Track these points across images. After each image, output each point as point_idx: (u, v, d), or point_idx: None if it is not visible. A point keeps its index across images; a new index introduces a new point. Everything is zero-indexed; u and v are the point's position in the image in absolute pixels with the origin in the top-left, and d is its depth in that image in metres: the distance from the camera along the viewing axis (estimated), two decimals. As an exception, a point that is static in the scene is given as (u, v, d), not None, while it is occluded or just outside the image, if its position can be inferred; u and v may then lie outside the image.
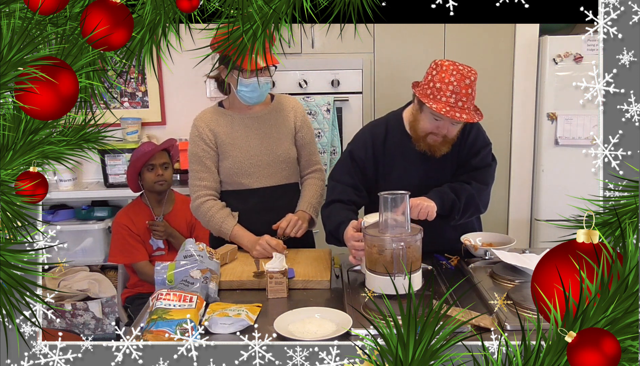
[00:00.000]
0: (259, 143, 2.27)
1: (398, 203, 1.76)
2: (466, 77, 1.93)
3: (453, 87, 1.92)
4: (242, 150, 2.25)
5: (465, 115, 1.94)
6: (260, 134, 2.27)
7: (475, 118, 1.98)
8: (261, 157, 2.27)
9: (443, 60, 1.99)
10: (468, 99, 1.94)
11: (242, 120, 2.27)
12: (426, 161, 2.14)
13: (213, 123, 2.27)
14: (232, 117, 2.28)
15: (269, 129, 2.29)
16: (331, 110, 3.42)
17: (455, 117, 1.93)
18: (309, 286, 1.91)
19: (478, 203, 2.13)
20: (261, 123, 2.28)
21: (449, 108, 1.93)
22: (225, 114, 2.29)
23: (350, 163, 2.20)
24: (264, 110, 2.30)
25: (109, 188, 3.49)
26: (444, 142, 2.07)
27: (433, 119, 2.02)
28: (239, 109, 2.29)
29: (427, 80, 1.99)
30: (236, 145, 2.25)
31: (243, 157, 2.25)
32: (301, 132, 2.35)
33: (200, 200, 2.26)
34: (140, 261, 2.73)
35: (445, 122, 2.00)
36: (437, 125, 2.02)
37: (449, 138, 2.07)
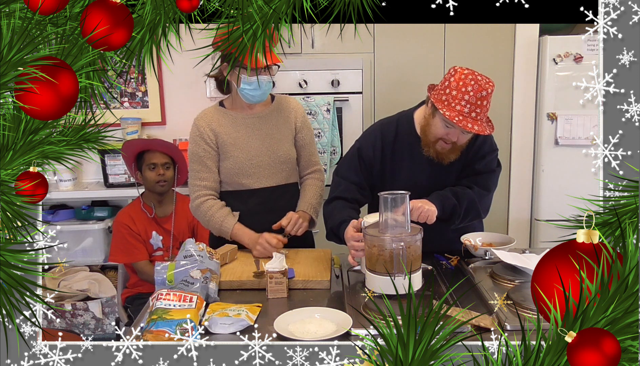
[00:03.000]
0: (260, 144, 2.26)
1: (398, 203, 1.76)
2: (484, 88, 1.90)
3: (469, 97, 1.90)
4: (243, 150, 2.25)
5: (477, 126, 1.91)
6: (262, 134, 2.27)
7: (487, 130, 1.95)
8: (262, 157, 2.26)
9: (462, 67, 1.95)
10: (482, 111, 1.92)
11: (244, 120, 2.27)
12: (434, 164, 2.12)
13: (214, 122, 2.26)
14: (234, 116, 2.27)
15: (270, 129, 2.28)
16: (331, 110, 3.42)
17: (467, 128, 1.90)
18: (309, 286, 1.91)
19: (479, 209, 2.13)
20: (263, 124, 2.28)
21: (462, 117, 1.91)
22: (226, 114, 2.28)
23: (358, 160, 2.19)
24: (265, 111, 2.30)
25: (109, 188, 3.49)
26: (452, 149, 2.05)
27: (444, 126, 1.99)
28: (240, 109, 2.28)
29: (443, 85, 1.97)
30: (237, 146, 2.25)
31: (244, 157, 2.25)
32: (301, 133, 2.34)
33: (200, 200, 2.26)
34: (140, 260, 2.73)
35: (455, 130, 1.98)
36: (447, 132, 2.00)
37: (457, 146, 2.05)
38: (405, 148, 2.16)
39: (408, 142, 2.15)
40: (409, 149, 2.15)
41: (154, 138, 3.20)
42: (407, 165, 2.16)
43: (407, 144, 2.16)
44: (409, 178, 2.15)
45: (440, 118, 1.99)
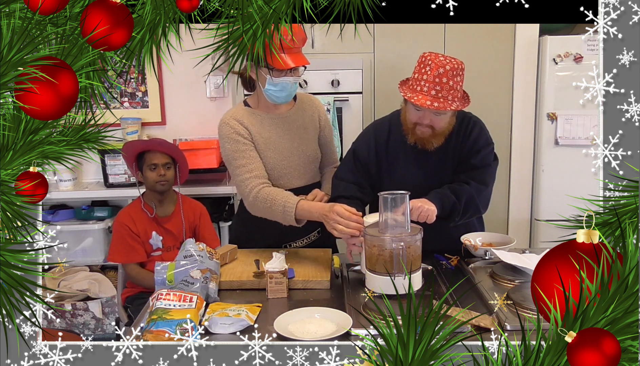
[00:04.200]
0: (290, 144, 2.22)
1: (398, 203, 1.76)
2: (441, 66, 1.95)
3: (427, 76, 1.96)
4: (275, 151, 2.19)
5: (437, 103, 1.96)
6: (291, 135, 2.23)
7: (451, 106, 1.98)
8: (292, 158, 2.23)
9: (427, 52, 2.02)
10: (443, 88, 1.96)
11: (272, 120, 2.22)
12: (427, 160, 2.15)
13: (245, 121, 2.18)
14: (262, 117, 2.21)
15: (297, 129, 2.25)
16: (331, 110, 3.42)
17: (425, 105, 1.96)
18: (309, 287, 1.91)
19: (478, 204, 2.13)
20: (290, 124, 2.24)
21: (422, 96, 1.97)
22: (254, 114, 2.21)
23: (354, 162, 2.22)
24: (290, 110, 2.26)
25: (109, 188, 3.48)
26: (433, 134, 2.09)
27: (415, 110, 2.06)
28: (266, 109, 2.22)
29: (412, 73, 2.05)
30: (270, 146, 2.19)
31: (277, 157, 2.20)
32: (324, 131, 2.34)
33: (256, 190, 2.11)
34: (135, 261, 2.73)
35: (426, 112, 2.03)
36: (419, 115, 2.06)
37: (437, 131, 2.08)
38: (398, 146, 2.19)
39: (401, 140, 2.18)
40: (402, 146, 2.18)
41: (154, 138, 3.20)
42: (402, 163, 2.18)
43: (400, 142, 2.19)
44: (404, 175, 2.17)
45: (410, 103, 2.06)
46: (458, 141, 2.15)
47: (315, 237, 2.34)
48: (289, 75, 2.08)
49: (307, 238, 2.32)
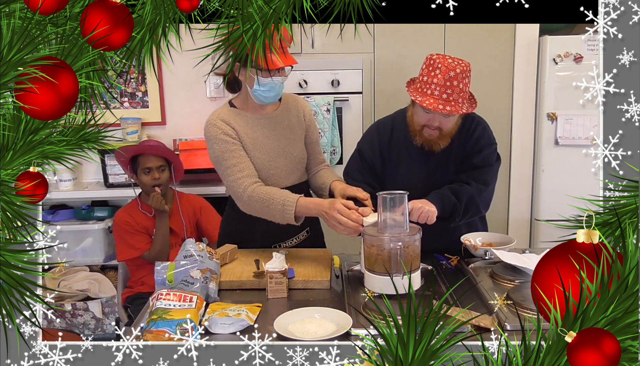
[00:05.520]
0: (277, 145, 2.20)
1: (397, 203, 1.76)
2: (452, 69, 1.95)
3: (438, 80, 1.96)
4: (262, 151, 2.17)
5: (449, 107, 1.96)
6: (277, 135, 2.22)
7: (462, 109, 1.98)
8: (279, 158, 2.21)
9: (434, 54, 2.01)
10: (454, 91, 1.96)
11: (259, 121, 2.20)
12: (430, 159, 2.16)
13: (232, 121, 2.16)
14: (248, 117, 2.19)
15: (283, 130, 2.24)
16: (331, 110, 3.42)
17: (437, 110, 1.96)
18: (309, 287, 1.91)
19: (478, 205, 2.14)
20: (277, 124, 2.23)
21: (433, 100, 1.97)
22: (240, 114, 2.19)
23: (360, 161, 2.26)
24: (276, 111, 2.25)
25: (109, 188, 3.49)
26: (440, 136, 2.09)
27: (424, 112, 2.06)
28: (252, 109, 2.20)
29: (419, 75, 2.05)
30: (257, 146, 2.17)
31: (264, 158, 2.18)
32: (309, 131, 2.33)
33: (251, 188, 2.07)
34: (146, 251, 2.74)
35: (435, 115, 2.03)
36: (428, 118, 2.07)
37: (445, 132, 2.09)
38: (401, 146, 2.20)
39: (404, 139, 2.19)
40: (406, 146, 2.18)
41: (146, 142, 3.19)
42: (404, 162, 2.19)
43: (403, 141, 2.20)
44: (407, 174, 2.18)
45: (419, 106, 2.06)
46: (461, 140, 2.15)
47: (305, 237, 2.31)
48: (277, 75, 2.07)
49: (296, 238, 2.29)
